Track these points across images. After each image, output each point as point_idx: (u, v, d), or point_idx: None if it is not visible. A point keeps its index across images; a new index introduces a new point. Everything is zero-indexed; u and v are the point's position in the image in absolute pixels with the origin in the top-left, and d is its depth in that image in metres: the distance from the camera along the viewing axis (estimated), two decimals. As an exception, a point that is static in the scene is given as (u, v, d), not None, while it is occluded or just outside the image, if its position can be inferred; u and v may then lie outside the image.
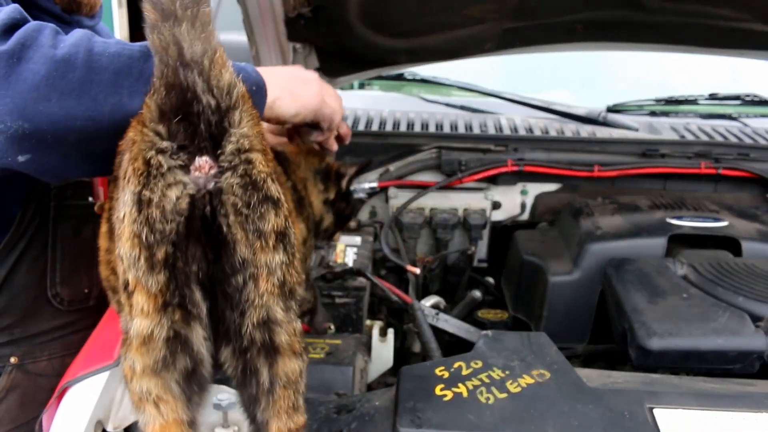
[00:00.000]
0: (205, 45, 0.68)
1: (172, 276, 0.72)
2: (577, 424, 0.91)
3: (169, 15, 0.67)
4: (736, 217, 1.69)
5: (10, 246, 1.11)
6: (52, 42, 0.84)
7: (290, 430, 0.81)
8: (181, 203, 0.70)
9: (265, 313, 0.75)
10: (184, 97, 0.69)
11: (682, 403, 0.95)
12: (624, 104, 2.41)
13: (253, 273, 0.73)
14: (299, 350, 0.80)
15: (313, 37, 1.77)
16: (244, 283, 0.74)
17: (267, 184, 0.73)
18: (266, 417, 0.80)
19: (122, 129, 0.81)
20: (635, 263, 1.48)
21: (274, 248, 0.73)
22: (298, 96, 1.03)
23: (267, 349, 0.77)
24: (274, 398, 0.78)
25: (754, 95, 2.42)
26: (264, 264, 0.73)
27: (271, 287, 0.74)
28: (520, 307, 1.73)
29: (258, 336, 0.76)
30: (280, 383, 0.78)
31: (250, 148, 0.73)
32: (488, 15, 1.70)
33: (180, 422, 0.77)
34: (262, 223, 0.72)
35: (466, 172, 1.94)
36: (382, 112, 2.34)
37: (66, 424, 0.92)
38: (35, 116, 0.82)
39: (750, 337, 1.21)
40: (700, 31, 1.83)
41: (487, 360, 1.04)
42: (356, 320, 1.43)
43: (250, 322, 0.75)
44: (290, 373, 0.79)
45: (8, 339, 1.13)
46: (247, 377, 0.79)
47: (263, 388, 0.79)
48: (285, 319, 0.76)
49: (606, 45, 2.02)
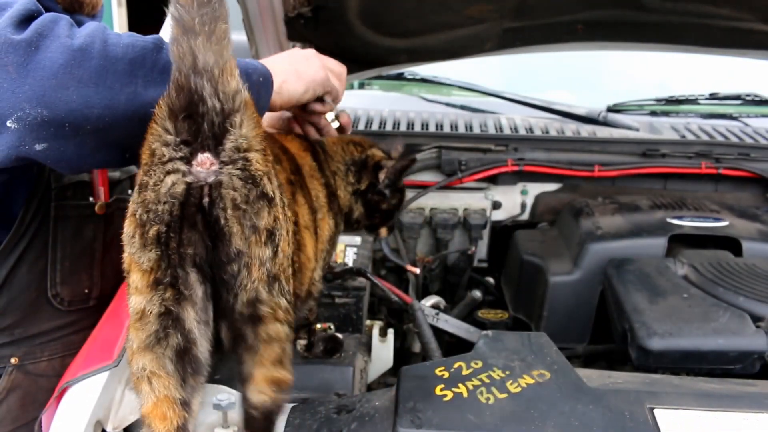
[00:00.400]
0: (217, 56, 0.76)
1: (164, 255, 0.78)
2: (577, 424, 0.90)
3: (189, 29, 0.75)
4: (736, 217, 1.69)
5: (11, 246, 1.11)
6: (68, 32, 0.86)
7: (274, 379, 0.86)
8: (176, 188, 0.77)
9: (254, 295, 0.82)
10: (191, 99, 0.76)
11: (683, 404, 0.95)
12: (624, 104, 2.41)
13: (248, 263, 0.80)
14: (282, 318, 0.86)
15: (313, 36, 1.77)
16: (239, 270, 0.81)
17: (264, 182, 0.80)
18: (251, 370, 0.86)
19: (137, 118, 0.86)
20: (636, 263, 1.48)
21: (265, 244, 0.81)
22: (302, 74, 1.05)
23: (253, 319, 0.84)
24: (257, 352, 0.85)
25: (755, 95, 2.42)
26: (257, 256, 0.81)
27: (261, 275, 0.82)
28: (521, 307, 1.73)
29: (245, 311, 0.83)
30: (262, 340, 0.85)
31: (249, 147, 0.79)
32: (488, 15, 1.70)
33: (172, 400, 0.82)
34: (257, 219, 0.79)
35: (466, 172, 1.94)
36: (382, 112, 2.34)
37: (65, 425, 0.92)
38: (54, 104, 0.84)
39: (750, 338, 1.21)
40: (700, 30, 1.83)
41: (488, 360, 1.04)
42: (356, 320, 1.43)
43: (241, 301, 0.82)
44: (272, 332, 0.85)
45: (9, 339, 1.13)
46: (237, 343, 0.86)
47: (248, 346, 0.85)
48: (268, 298, 0.84)
49: (606, 45, 2.01)
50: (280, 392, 0.87)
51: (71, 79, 0.84)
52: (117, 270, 1.29)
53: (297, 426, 0.98)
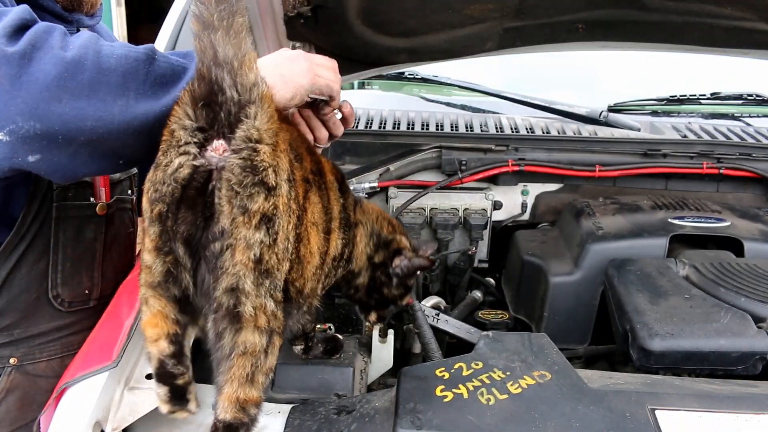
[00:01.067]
0: (236, 49, 0.81)
1: (164, 230, 0.84)
2: (578, 425, 0.90)
3: (208, 25, 0.80)
4: (738, 217, 1.69)
5: (11, 246, 1.11)
6: (61, 44, 0.86)
7: (239, 399, 0.86)
8: (181, 171, 0.82)
9: (234, 281, 0.82)
10: (211, 89, 0.81)
11: (684, 405, 0.94)
12: (625, 104, 2.41)
13: (231, 244, 0.81)
14: (264, 326, 0.85)
15: (313, 36, 1.76)
16: (221, 251, 0.82)
17: (267, 173, 0.82)
18: (222, 382, 0.86)
19: (131, 129, 0.88)
20: (637, 263, 1.47)
21: (257, 227, 0.82)
22: (288, 79, 1.02)
23: (231, 315, 0.83)
24: (229, 364, 0.85)
25: (757, 95, 2.42)
26: (243, 237, 0.81)
27: (246, 260, 0.82)
28: (521, 307, 1.72)
29: (225, 300, 0.83)
30: (237, 351, 0.84)
31: (259, 139, 0.82)
32: (489, 14, 1.70)
33: (165, 315, 0.90)
34: (249, 202, 0.81)
35: (466, 172, 1.94)
36: (382, 112, 2.34)
37: (64, 425, 0.92)
38: (47, 117, 0.84)
39: (752, 338, 1.20)
40: (702, 30, 1.83)
41: (488, 361, 1.04)
42: (356, 321, 1.43)
43: (221, 286, 0.82)
44: (248, 344, 0.84)
45: (8, 340, 1.13)
46: (216, 342, 0.86)
47: (224, 353, 0.85)
48: (254, 292, 0.83)
49: (607, 44, 2.01)
50: (244, 413, 0.87)
51: (64, 92, 0.84)
52: (117, 271, 1.30)
53: (297, 426, 0.98)
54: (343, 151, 2.05)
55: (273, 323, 0.87)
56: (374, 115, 2.31)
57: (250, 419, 0.88)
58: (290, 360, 1.19)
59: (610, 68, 2.66)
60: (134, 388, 1.02)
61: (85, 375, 0.97)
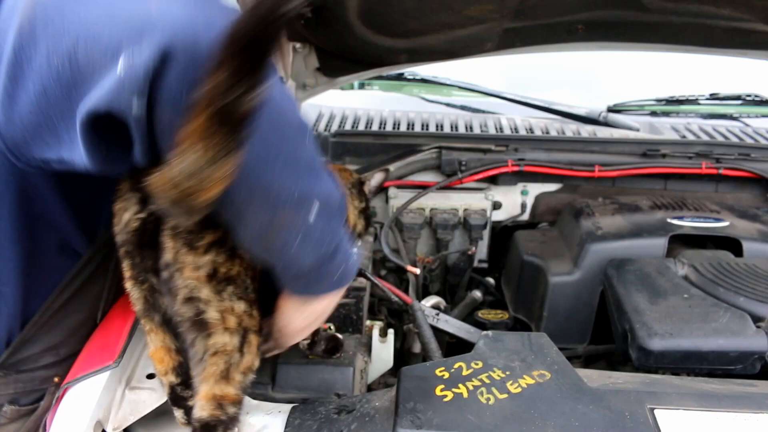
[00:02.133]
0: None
1: (133, 265, 0.89)
2: (577, 424, 0.90)
3: None
4: (737, 217, 1.69)
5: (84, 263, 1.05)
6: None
7: (215, 396, 0.87)
8: (132, 224, 0.86)
9: (189, 293, 0.84)
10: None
11: (683, 404, 0.95)
12: (625, 104, 2.41)
13: (180, 268, 0.84)
14: (234, 327, 0.86)
15: (313, 36, 1.77)
16: (171, 276, 0.85)
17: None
18: (198, 383, 0.88)
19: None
20: (636, 263, 1.48)
21: (205, 253, 0.84)
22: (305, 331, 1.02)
23: (197, 323, 0.85)
24: (204, 366, 0.87)
25: (755, 95, 2.42)
26: (191, 262, 0.84)
27: (197, 275, 0.84)
28: (521, 307, 1.73)
29: (185, 311, 0.85)
30: (209, 352, 0.86)
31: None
32: (488, 15, 1.70)
33: (167, 349, 0.95)
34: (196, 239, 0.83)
35: (466, 172, 1.94)
36: (382, 112, 2.34)
37: (65, 425, 0.92)
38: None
39: (751, 338, 1.21)
40: (700, 30, 1.83)
41: (488, 360, 1.04)
42: (356, 321, 1.43)
43: (178, 300, 0.85)
44: (219, 345, 0.86)
45: (54, 359, 1.08)
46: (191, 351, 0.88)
47: (197, 359, 0.87)
48: (215, 298, 0.85)
49: (607, 45, 2.01)
50: (221, 410, 0.87)
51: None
52: None
53: (297, 426, 0.98)
54: (343, 151, 2.06)
55: (246, 322, 0.87)
56: (374, 115, 2.32)
57: (229, 418, 0.87)
58: (291, 360, 1.19)
59: (609, 69, 2.67)
60: (135, 387, 1.02)
61: (86, 375, 0.97)
